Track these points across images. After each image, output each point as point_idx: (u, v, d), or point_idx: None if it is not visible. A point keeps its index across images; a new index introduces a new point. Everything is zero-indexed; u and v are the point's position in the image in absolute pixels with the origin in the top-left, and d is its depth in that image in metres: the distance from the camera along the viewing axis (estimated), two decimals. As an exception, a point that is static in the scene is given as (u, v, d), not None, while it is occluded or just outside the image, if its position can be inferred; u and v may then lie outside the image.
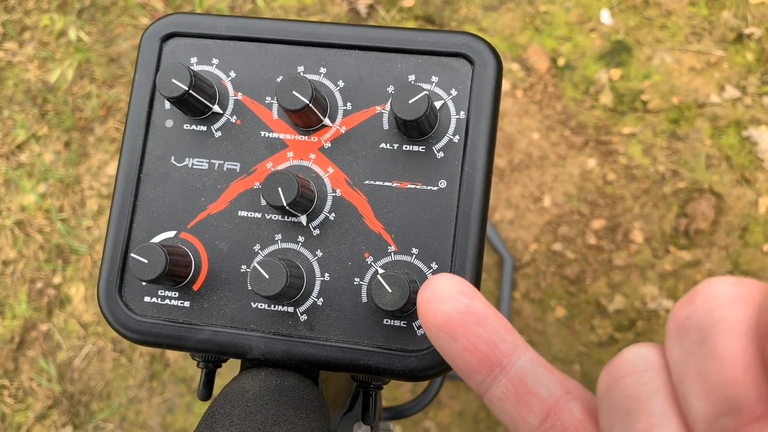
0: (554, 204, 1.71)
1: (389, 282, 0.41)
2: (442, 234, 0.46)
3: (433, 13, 1.84)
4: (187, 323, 0.47)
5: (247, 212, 0.48)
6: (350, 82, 0.48)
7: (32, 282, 1.80)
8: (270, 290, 0.42)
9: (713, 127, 1.70)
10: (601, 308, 1.65)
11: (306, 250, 0.47)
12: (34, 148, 1.87)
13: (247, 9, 1.90)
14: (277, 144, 0.48)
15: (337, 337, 0.46)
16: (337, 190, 0.47)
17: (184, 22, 0.50)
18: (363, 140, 0.48)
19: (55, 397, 1.73)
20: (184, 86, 0.44)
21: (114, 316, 0.47)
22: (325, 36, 0.49)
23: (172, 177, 0.49)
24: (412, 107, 0.43)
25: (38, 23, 1.95)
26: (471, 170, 0.46)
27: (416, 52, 0.48)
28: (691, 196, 1.68)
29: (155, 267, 0.43)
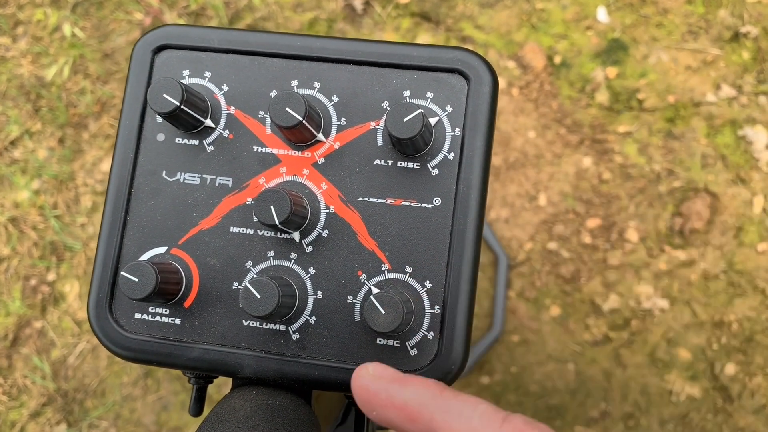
0: (549, 203, 1.71)
1: (382, 303, 0.41)
2: (436, 252, 0.46)
3: (429, 9, 1.83)
4: (177, 341, 0.46)
5: (240, 228, 0.47)
6: (345, 97, 0.48)
7: (26, 279, 1.79)
8: (261, 310, 0.41)
9: (709, 126, 1.70)
10: (596, 307, 1.65)
11: (299, 267, 0.47)
12: (27, 144, 1.86)
13: (242, 5, 1.89)
14: (270, 159, 0.48)
15: (330, 356, 0.46)
16: (330, 207, 0.47)
17: (176, 34, 0.49)
18: (357, 156, 0.47)
19: (49, 395, 1.73)
20: (176, 101, 0.44)
21: (104, 333, 0.47)
22: (319, 50, 0.48)
23: (164, 192, 0.48)
24: (406, 125, 0.42)
25: (31, 18, 1.94)
26: (466, 188, 0.46)
27: (411, 68, 0.47)
28: (687, 195, 1.68)
29: (145, 286, 0.43)
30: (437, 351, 0.45)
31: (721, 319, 1.62)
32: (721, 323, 1.62)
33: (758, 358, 1.60)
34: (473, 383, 1.64)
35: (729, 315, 1.62)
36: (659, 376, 1.61)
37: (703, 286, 1.64)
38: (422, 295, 0.45)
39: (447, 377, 0.45)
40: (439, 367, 0.44)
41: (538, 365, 1.64)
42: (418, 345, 0.45)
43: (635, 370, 1.62)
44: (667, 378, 1.61)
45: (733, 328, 1.62)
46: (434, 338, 0.45)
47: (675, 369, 1.61)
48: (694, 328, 1.62)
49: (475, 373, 1.64)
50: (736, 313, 1.62)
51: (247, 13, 1.88)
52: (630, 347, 1.63)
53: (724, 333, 1.62)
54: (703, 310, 1.63)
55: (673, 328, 1.63)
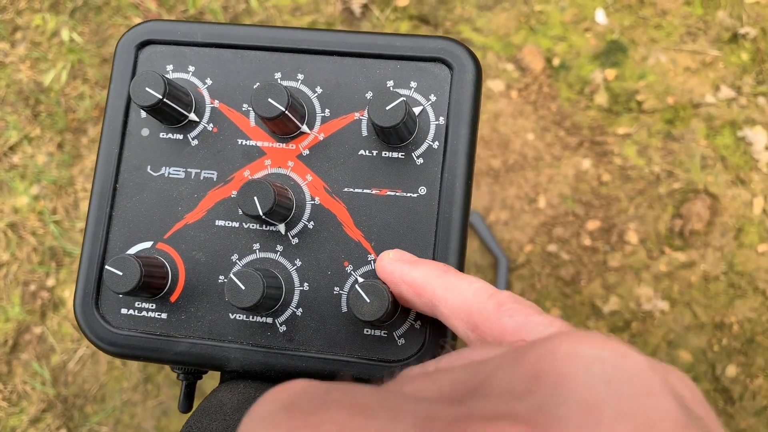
0: (549, 205, 1.70)
1: (368, 292, 0.41)
2: (422, 241, 0.45)
3: (428, 12, 1.83)
4: (164, 335, 0.46)
5: (225, 221, 0.47)
6: (328, 88, 0.48)
7: (25, 284, 1.79)
8: (246, 302, 0.41)
9: (708, 128, 1.70)
10: (596, 309, 1.65)
11: (285, 259, 0.46)
12: (26, 150, 1.86)
13: (240, 9, 1.89)
14: (255, 152, 0.47)
15: (317, 348, 0.45)
16: (315, 198, 0.47)
17: (159, 30, 0.49)
18: (342, 147, 0.47)
19: (49, 401, 1.72)
20: (158, 95, 0.44)
21: (90, 329, 0.46)
22: (302, 42, 0.48)
23: (149, 187, 0.48)
24: (389, 114, 0.42)
25: (30, 23, 1.94)
26: (451, 176, 0.45)
27: (395, 58, 0.47)
28: (686, 196, 1.68)
29: (130, 279, 0.42)
30: (424, 340, 0.45)
31: (722, 321, 1.62)
32: (722, 325, 1.62)
33: (759, 359, 1.59)
34: (473, 386, 1.63)
35: (730, 316, 1.62)
36: (660, 377, 1.60)
37: (704, 288, 1.63)
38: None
39: None
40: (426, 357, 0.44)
41: (539, 368, 1.63)
42: (405, 335, 0.45)
43: (636, 372, 1.61)
44: (668, 380, 1.60)
45: (733, 329, 1.61)
46: (421, 328, 0.45)
47: (676, 371, 1.60)
48: (694, 329, 1.62)
49: (476, 376, 1.63)
50: (736, 315, 1.62)
51: (246, 17, 1.89)
52: (631, 349, 1.62)
53: (725, 334, 1.61)
54: (704, 311, 1.62)
55: (674, 329, 1.62)
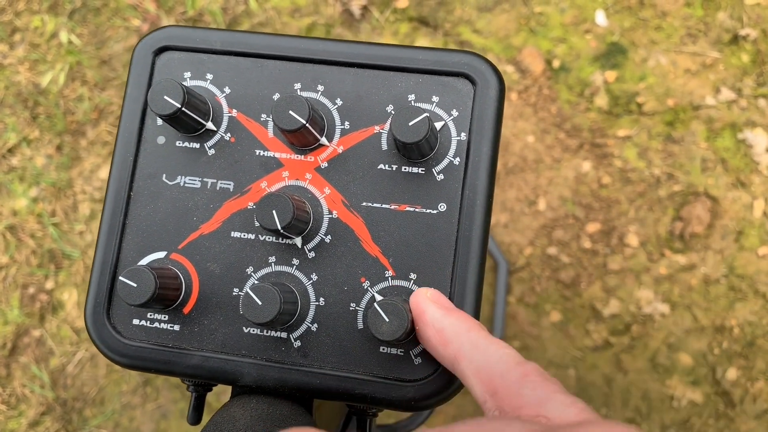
0: (549, 207, 1.70)
1: (386, 311, 0.40)
2: (441, 259, 0.45)
3: (427, 14, 1.83)
4: (176, 348, 0.46)
5: (241, 233, 0.46)
6: (349, 100, 0.47)
7: (24, 287, 1.78)
8: (262, 317, 0.40)
9: (708, 130, 1.69)
10: (596, 312, 1.64)
11: (300, 273, 0.46)
12: (25, 152, 1.85)
13: (239, 10, 1.88)
14: (272, 163, 0.47)
15: (332, 364, 0.45)
16: (333, 212, 0.46)
17: (177, 36, 0.48)
18: (361, 161, 0.46)
19: (48, 404, 1.71)
20: (177, 103, 0.43)
21: (101, 339, 0.46)
22: (323, 53, 0.47)
23: (164, 195, 0.47)
24: (412, 129, 0.42)
25: (29, 25, 1.93)
26: (472, 194, 0.45)
27: (417, 71, 0.47)
28: (687, 199, 1.67)
29: (144, 291, 0.42)
30: None
31: (722, 324, 1.62)
32: (723, 328, 1.62)
33: (760, 362, 1.59)
34: (474, 389, 1.63)
35: (730, 319, 1.62)
36: (660, 381, 1.60)
37: (704, 291, 1.63)
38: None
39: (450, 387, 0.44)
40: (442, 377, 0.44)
41: (539, 371, 1.62)
42: (422, 354, 0.44)
43: (636, 375, 1.61)
44: (668, 383, 1.60)
45: (734, 332, 1.61)
46: None
47: (676, 374, 1.60)
48: (695, 332, 1.62)
49: (476, 379, 1.63)
50: (737, 318, 1.61)
51: (245, 19, 1.88)
52: (631, 352, 1.62)
53: (726, 338, 1.61)
54: (704, 314, 1.62)
55: (674, 333, 1.62)
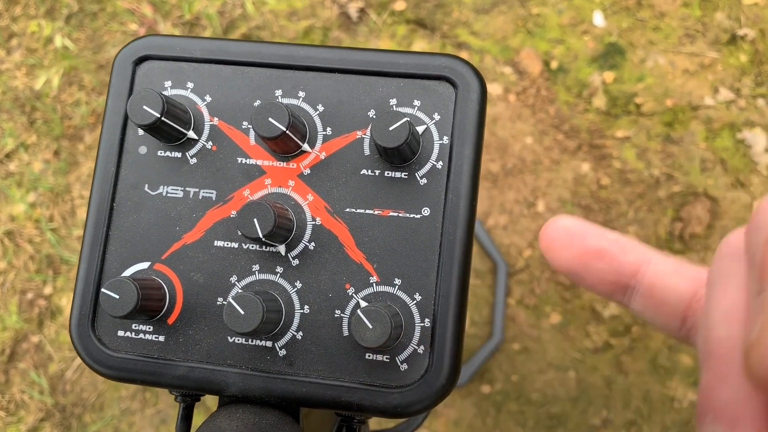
0: (548, 209, 1.70)
1: (370, 317, 0.40)
2: (425, 263, 0.44)
3: (425, 16, 1.83)
4: (162, 359, 0.45)
5: (224, 242, 0.46)
6: (330, 106, 0.47)
7: (23, 293, 1.78)
8: (246, 327, 0.40)
9: (707, 130, 1.69)
10: (596, 314, 1.64)
11: (285, 281, 0.45)
12: (23, 157, 1.85)
13: (236, 14, 1.88)
14: (255, 171, 0.46)
15: (318, 372, 0.44)
16: (316, 219, 0.46)
17: (157, 45, 0.48)
18: (343, 166, 0.46)
19: (47, 410, 1.71)
20: (156, 113, 0.43)
21: (87, 351, 0.45)
22: (303, 59, 0.47)
23: (146, 206, 0.47)
24: (392, 134, 0.41)
25: (26, 30, 1.93)
26: (455, 197, 0.44)
27: (398, 75, 0.46)
28: (686, 200, 1.67)
29: (126, 303, 0.41)
30: (428, 365, 0.44)
31: (723, 324, 1.61)
32: (723, 328, 1.61)
33: (760, 363, 1.59)
34: (474, 392, 1.63)
35: (730, 320, 1.61)
36: (661, 382, 1.60)
37: (704, 291, 1.62)
38: (412, 308, 0.44)
39: (438, 392, 0.44)
40: (430, 382, 0.43)
41: (539, 373, 1.62)
42: (408, 360, 0.44)
43: (637, 376, 1.61)
44: (669, 384, 1.60)
45: (734, 333, 1.60)
46: (425, 352, 0.44)
47: (677, 375, 1.60)
48: (695, 333, 1.61)
49: (476, 382, 1.63)
50: (737, 318, 1.61)
51: (242, 23, 1.88)
52: (631, 354, 1.62)
53: (726, 338, 1.60)
54: (705, 315, 1.61)
55: (675, 333, 1.61)
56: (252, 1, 1.87)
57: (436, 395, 0.43)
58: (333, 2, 1.86)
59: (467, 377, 1.60)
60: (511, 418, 1.62)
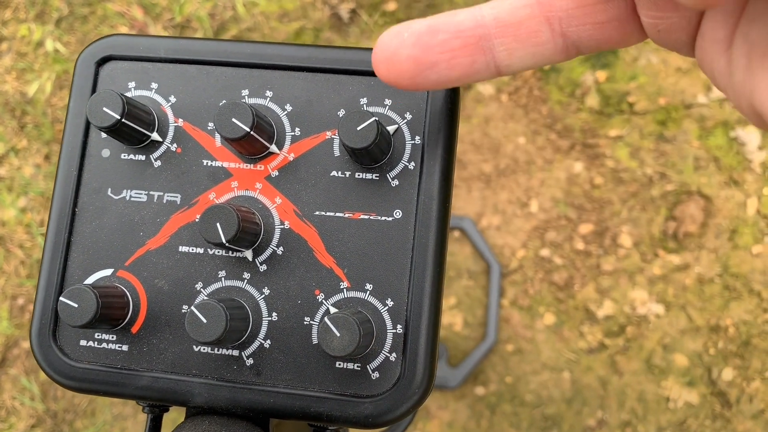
0: (541, 209, 1.68)
1: (337, 324, 0.38)
2: (397, 268, 0.43)
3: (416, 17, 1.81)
4: (125, 369, 0.44)
5: (189, 247, 0.44)
6: (298, 106, 0.45)
7: (13, 298, 1.77)
8: (208, 336, 0.39)
9: (701, 128, 1.68)
10: (591, 314, 1.63)
11: (252, 287, 0.44)
12: (13, 162, 1.84)
13: (227, 16, 1.87)
14: (221, 173, 0.45)
15: (286, 382, 0.43)
16: (285, 222, 0.44)
17: (121, 45, 0.46)
18: (313, 168, 0.45)
19: (38, 416, 1.70)
20: (117, 115, 0.41)
21: (47, 362, 0.44)
22: (270, 57, 0.45)
23: (109, 210, 0.45)
24: (360, 134, 0.40)
25: (15, 33, 1.92)
26: (427, 199, 0.43)
27: (368, 74, 0.45)
28: (680, 198, 1.66)
29: (86, 311, 0.40)
30: (400, 373, 0.42)
31: (717, 324, 1.60)
32: (718, 327, 1.60)
33: (756, 362, 1.58)
34: (468, 394, 1.61)
35: (725, 319, 1.60)
36: (656, 382, 1.59)
37: (699, 291, 1.62)
38: (383, 314, 0.43)
39: (411, 401, 0.42)
40: (402, 391, 0.42)
41: (533, 374, 1.61)
42: (379, 368, 0.42)
43: (631, 377, 1.59)
44: (663, 384, 1.58)
45: (729, 332, 1.59)
46: (397, 360, 0.42)
47: (672, 375, 1.59)
48: (690, 333, 1.60)
49: (470, 384, 1.62)
50: (732, 317, 1.60)
51: (233, 24, 1.86)
52: (626, 354, 1.60)
53: (721, 337, 1.59)
54: (699, 314, 1.60)
55: (669, 333, 1.60)
56: (243, 3, 1.86)
57: (408, 404, 0.42)
58: (324, 3, 1.85)
59: (461, 379, 1.59)
60: (506, 419, 1.61)
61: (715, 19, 0.30)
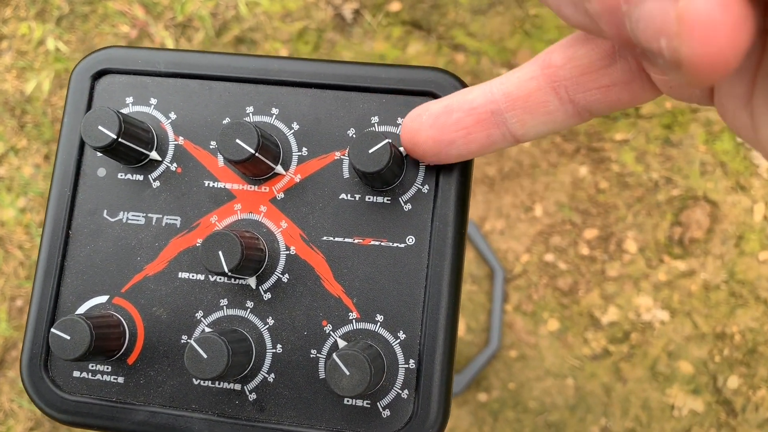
0: (546, 213, 1.66)
1: (347, 362, 0.36)
2: (410, 298, 0.41)
3: (421, 17, 1.79)
4: (121, 402, 0.41)
5: (189, 274, 0.42)
6: (306, 124, 0.43)
7: (12, 300, 1.75)
8: (208, 373, 0.36)
9: (707, 133, 1.66)
10: (595, 320, 1.61)
11: (255, 317, 0.41)
12: (13, 161, 1.82)
13: (229, 15, 1.85)
14: (223, 195, 0.43)
15: (291, 419, 0.40)
16: (291, 248, 0.42)
17: (118, 58, 0.44)
18: (320, 190, 0.42)
19: (36, 419, 1.68)
20: (113, 134, 0.39)
21: (39, 394, 0.41)
22: (277, 72, 0.43)
23: (105, 233, 0.43)
24: (372, 158, 0.37)
25: (16, 32, 1.90)
26: (442, 225, 0.41)
27: (379, 91, 0.42)
28: (686, 203, 1.64)
29: (79, 344, 0.38)
30: (413, 412, 0.40)
31: (723, 331, 1.58)
32: (723, 335, 1.58)
33: (762, 370, 1.56)
34: (470, 400, 1.59)
35: (731, 326, 1.58)
36: (660, 390, 1.57)
37: (704, 297, 1.60)
38: (395, 348, 0.40)
39: None
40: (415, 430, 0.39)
41: (537, 381, 1.59)
42: (390, 405, 0.40)
43: (636, 384, 1.58)
44: (668, 392, 1.57)
45: (735, 339, 1.57)
46: (409, 397, 0.40)
47: (676, 382, 1.57)
48: (695, 340, 1.58)
49: (473, 390, 1.60)
50: (738, 324, 1.58)
51: (235, 24, 1.84)
52: (630, 361, 1.59)
53: (727, 345, 1.58)
54: (705, 321, 1.59)
55: (674, 340, 1.58)
56: (245, 3, 1.83)
57: None
58: (327, 3, 1.82)
59: (463, 385, 1.57)
60: (508, 426, 1.59)
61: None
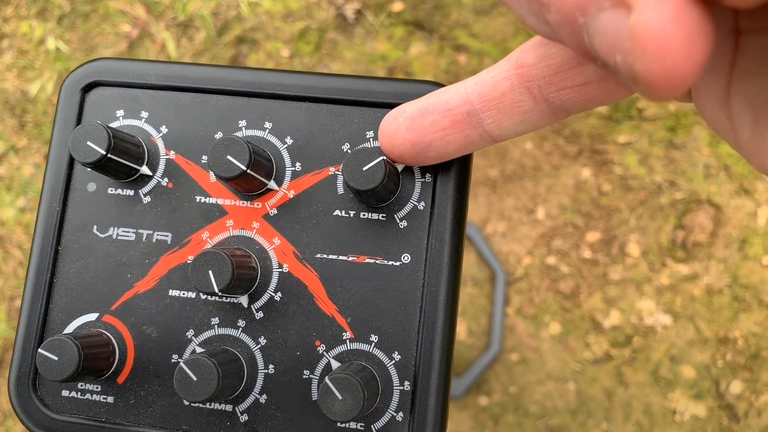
0: (548, 216, 1.66)
1: (339, 387, 0.35)
2: (405, 318, 0.40)
3: (423, 18, 1.78)
4: (110, 422, 0.40)
5: (180, 291, 0.41)
6: (300, 138, 0.42)
7: (11, 300, 1.74)
8: (198, 395, 0.35)
9: (711, 135, 1.65)
10: (597, 324, 1.60)
11: (247, 336, 0.41)
12: (13, 161, 1.81)
13: (231, 15, 1.84)
14: (215, 211, 0.42)
15: None
16: (284, 266, 0.41)
17: (108, 70, 0.43)
18: (314, 207, 0.41)
19: (33, 420, 1.67)
20: (102, 150, 0.38)
21: (26, 414, 0.41)
22: (270, 86, 0.42)
23: (95, 250, 0.42)
24: (366, 175, 0.37)
25: (17, 31, 1.89)
26: (438, 243, 0.40)
27: (375, 104, 0.41)
28: (689, 207, 1.63)
29: (66, 365, 0.37)
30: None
31: (726, 335, 1.57)
32: (726, 339, 1.57)
33: (765, 375, 1.55)
34: (471, 404, 1.59)
35: (734, 331, 1.57)
36: (662, 394, 1.56)
37: (707, 301, 1.59)
38: (390, 369, 0.39)
39: None
40: None
41: (538, 384, 1.58)
42: (385, 428, 0.39)
43: (638, 388, 1.57)
44: (670, 397, 1.56)
45: (738, 344, 1.57)
46: (404, 420, 0.39)
47: (679, 387, 1.56)
48: (698, 344, 1.57)
49: (473, 394, 1.59)
50: (741, 329, 1.57)
51: (236, 24, 1.83)
52: (632, 365, 1.58)
53: (729, 349, 1.57)
54: (707, 325, 1.58)
55: (677, 344, 1.57)
56: (247, 2, 1.82)
57: None
58: (329, 3, 1.81)
59: (464, 389, 1.56)
60: (509, 430, 1.58)
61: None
